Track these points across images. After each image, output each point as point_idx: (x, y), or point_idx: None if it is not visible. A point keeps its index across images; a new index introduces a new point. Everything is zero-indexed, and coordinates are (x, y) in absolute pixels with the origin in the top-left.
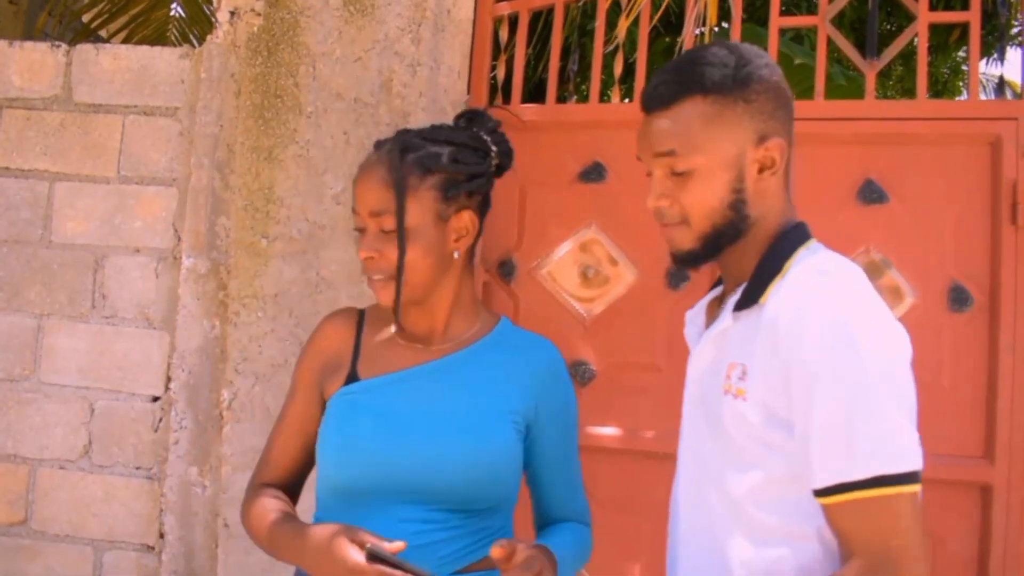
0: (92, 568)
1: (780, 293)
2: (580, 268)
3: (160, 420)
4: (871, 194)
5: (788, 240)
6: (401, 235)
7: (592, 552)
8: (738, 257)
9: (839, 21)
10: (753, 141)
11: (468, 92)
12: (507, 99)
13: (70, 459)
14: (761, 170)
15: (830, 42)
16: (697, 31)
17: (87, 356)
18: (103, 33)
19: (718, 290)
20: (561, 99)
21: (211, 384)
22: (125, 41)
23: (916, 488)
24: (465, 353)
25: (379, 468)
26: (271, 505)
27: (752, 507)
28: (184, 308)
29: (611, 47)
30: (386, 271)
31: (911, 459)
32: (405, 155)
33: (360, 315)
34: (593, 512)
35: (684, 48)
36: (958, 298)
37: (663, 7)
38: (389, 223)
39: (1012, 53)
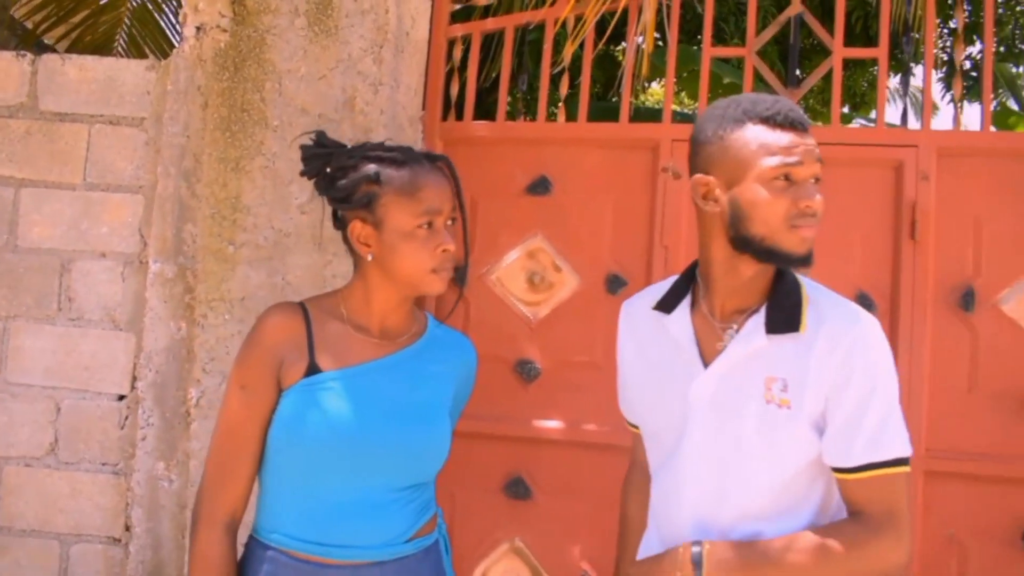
0: (59, 561)
1: (818, 324)
2: (527, 274)
3: (126, 418)
4: None
5: (787, 271)
6: (466, 230)
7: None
8: (751, 273)
9: (761, 49)
10: None
11: (424, 109)
12: (460, 116)
13: (36, 456)
14: None
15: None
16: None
17: (53, 356)
18: (48, 39)
19: (686, 298)
20: (511, 116)
21: (178, 383)
22: (71, 46)
23: (909, 468)
24: (415, 348)
25: (358, 448)
26: None
27: (777, 489)
28: (151, 311)
29: (558, 69)
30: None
31: (910, 447)
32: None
33: (303, 308)
34: (539, 499)
35: (625, 68)
36: (863, 305)
37: (606, 35)
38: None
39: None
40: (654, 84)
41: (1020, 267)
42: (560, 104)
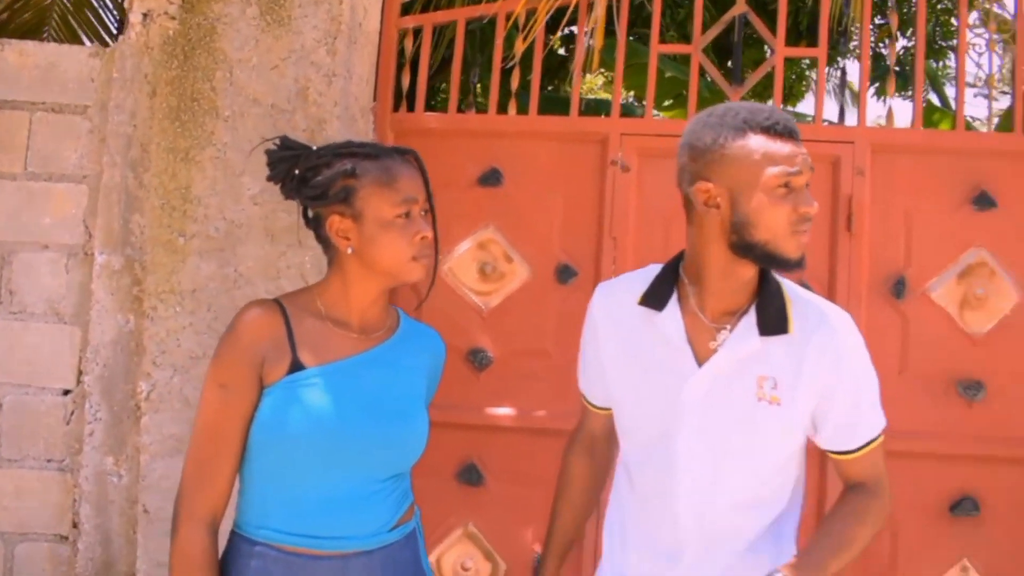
0: (3, 561)
1: (804, 325)
2: (479, 264)
3: (72, 413)
4: None
5: (770, 273)
6: (435, 222)
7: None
8: (737, 276)
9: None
10: None
11: (375, 100)
12: (411, 107)
13: None
14: None
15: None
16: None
17: None
18: None
19: (673, 295)
20: (461, 109)
21: (126, 376)
22: (1, 28)
23: None
24: (392, 342)
25: (343, 444)
26: None
27: (765, 477)
28: (97, 303)
29: (510, 63)
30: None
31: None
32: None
33: (279, 305)
34: (491, 485)
35: (575, 64)
36: None
37: (559, 31)
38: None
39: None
40: (587, 75)
41: (947, 258)
42: (512, 99)
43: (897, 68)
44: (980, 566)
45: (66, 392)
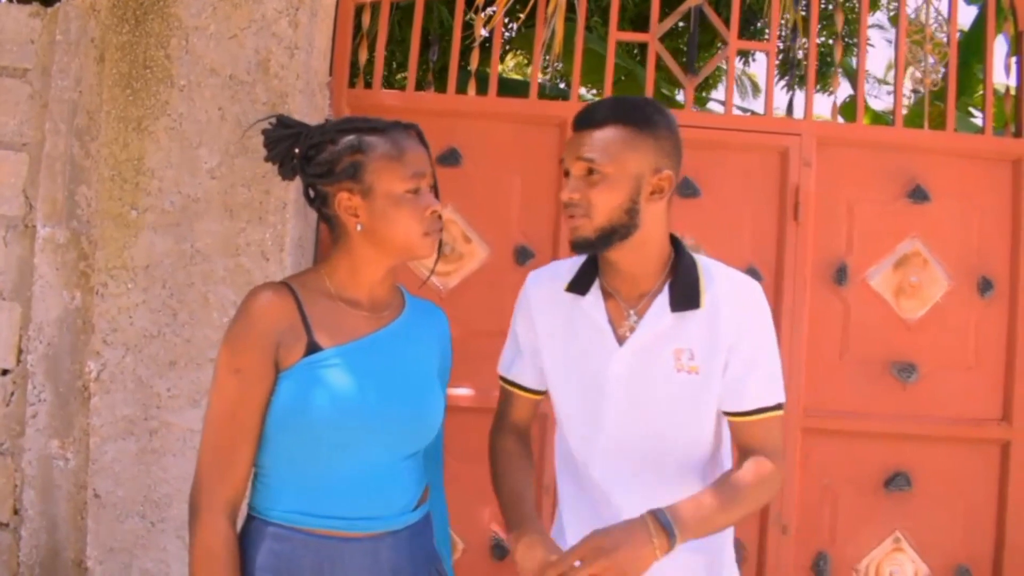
0: None
1: (715, 296)
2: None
3: (12, 394)
4: (686, 189)
5: (685, 253)
6: (438, 194)
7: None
8: (632, 260)
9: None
10: (651, 169)
11: (331, 75)
12: (368, 84)
13: None
14: (652, 192)
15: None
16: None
17: None
18: None
19: (595, 282)
20: (421, 87)
21: (73, 356)
22: None
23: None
24: (403, 319)
25: (366, 423)
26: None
27: (692, 438)
28: (40, 278)
29: (470, 43)
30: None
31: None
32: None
33: (289, 288)
34: (450, 465)
35: (535, 46)
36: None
37: (526, 13)
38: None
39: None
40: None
41: (885, 247)
42: (471, 79)
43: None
44: (911, 538)
45: (4, 372)
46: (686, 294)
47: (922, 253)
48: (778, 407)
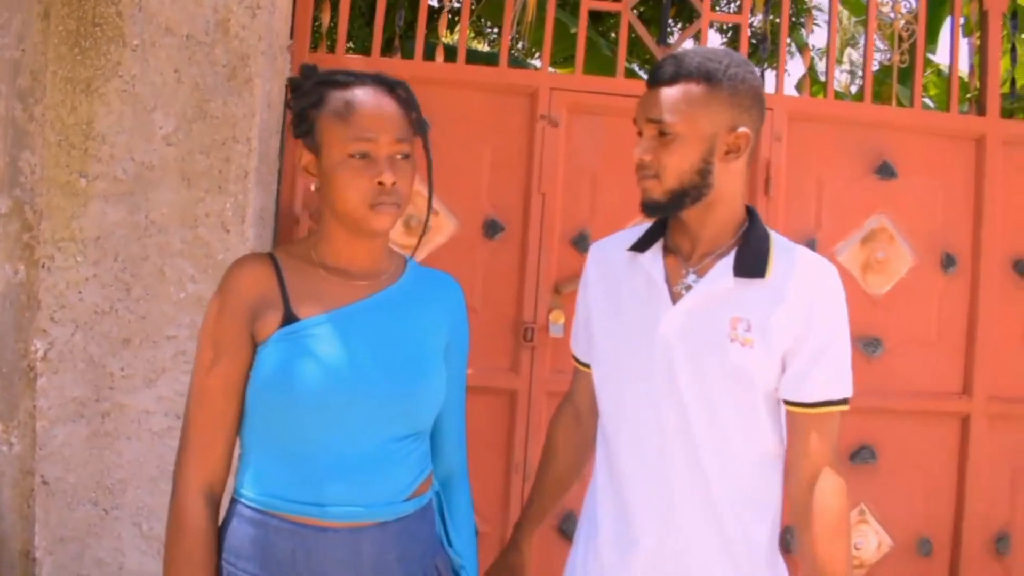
0: None
1: (784, 271)
2: (404, 218)
3: None
4: None
5: (759, 224)
6: (430, 168)
7: None
8: (702, 221)
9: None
10: (727, 127)
11: (291, 37)
12: (332, 48)
13: None
14: (727, 152)
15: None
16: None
17: None
18: None
19: (658, 243)
20: (386, 53)
21: (17, 334)
22: None
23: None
24: (397, 287)
25: (353, 397)
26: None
27: (740, 420)
28: None
29: (440, 9)
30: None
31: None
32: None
33: (272, 258)
34: None
35: (505, 15)
36: None
37: None
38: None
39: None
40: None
41: (853, 223)
42: (439, 46)
43: (755, 41)
44: (875, 510)
45: None
46: (753, 261)
47: (888, 229)
48: (843, 402)
